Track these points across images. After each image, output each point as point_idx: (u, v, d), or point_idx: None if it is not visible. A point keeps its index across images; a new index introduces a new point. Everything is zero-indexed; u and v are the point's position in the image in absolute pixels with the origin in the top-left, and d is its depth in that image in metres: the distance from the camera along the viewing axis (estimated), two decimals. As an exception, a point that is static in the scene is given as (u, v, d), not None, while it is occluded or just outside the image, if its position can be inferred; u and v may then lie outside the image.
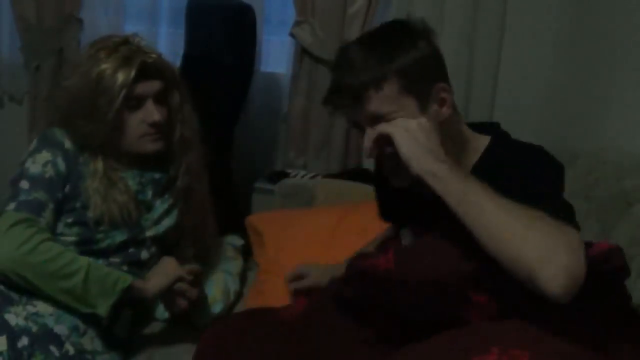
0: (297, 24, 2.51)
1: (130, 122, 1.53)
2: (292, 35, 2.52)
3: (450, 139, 1.24)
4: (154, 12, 2.72)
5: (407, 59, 1.18)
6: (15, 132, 2.80)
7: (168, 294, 1.53)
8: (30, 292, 1.44)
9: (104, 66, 1.48)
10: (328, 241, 1.91)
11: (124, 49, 1.51)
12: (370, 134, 1.20)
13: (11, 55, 2.77)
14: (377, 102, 1.18)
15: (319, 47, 2.46)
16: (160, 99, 1.56)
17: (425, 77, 1.20)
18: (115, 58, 1.49)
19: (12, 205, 1.46)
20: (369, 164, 2.30)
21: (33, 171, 1.49)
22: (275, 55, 2.72)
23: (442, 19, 2.37)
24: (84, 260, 1.45)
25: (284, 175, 2.52)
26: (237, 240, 2.02)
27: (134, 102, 1.52)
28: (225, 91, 2.40)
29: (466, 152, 1.28)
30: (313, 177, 2.52)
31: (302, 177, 2.52)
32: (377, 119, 1.19)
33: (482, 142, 1.29)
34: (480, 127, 1.32)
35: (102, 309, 1.43)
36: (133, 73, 1.48)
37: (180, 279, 1.52)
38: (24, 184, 1.48)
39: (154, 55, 1.54)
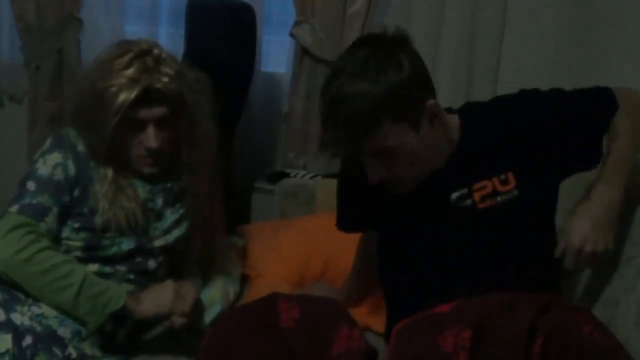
0: (297, 24, 2.50)
1: (129, 141, 1.51)
2: (292, 35, 2.52)
3: (439, 138, 1.32)
4: (154, 12, 2.71)
5: (396, 89, 1.20)
6: (15, 132, 2.80)
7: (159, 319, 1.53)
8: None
9: (110, 82, 1.44)
10: (310, 250, 1.96)
11: (138, 65, 1.45)
12: (376, 165, 1.27)
13: (11, 55, 2.77)
14: (374, 143, 1.23)
15: (319, 47, 2.45)
16: (165, 123, 1.51)
17: (414, 100, 1.23)
18: (124, 76, 1.44)
19: (15, 207, 1.44)
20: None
21: (42, 172, 1.48)
22: (275, 55, 2.71)
23: (442, 19, 2.37)
24: (80, 274, 1.42)
25: (284, 175, 2.52)
26: (238, 241, 2.02)
27: (134, 124, 1.48)
28: (225, 91, 2.39)
29: (451, 135, 1.37)
30: (313, 177, 2.51)
31: (302, 177, 2.52)
32: (379, 151, 1.25)
33: (454, 119, 1.40)
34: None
35: (90, 326, 1.43)
36: (133, 97, 1.43)
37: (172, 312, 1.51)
38: (31, 185, 1.46)
39: (164, 80, 1.47)
